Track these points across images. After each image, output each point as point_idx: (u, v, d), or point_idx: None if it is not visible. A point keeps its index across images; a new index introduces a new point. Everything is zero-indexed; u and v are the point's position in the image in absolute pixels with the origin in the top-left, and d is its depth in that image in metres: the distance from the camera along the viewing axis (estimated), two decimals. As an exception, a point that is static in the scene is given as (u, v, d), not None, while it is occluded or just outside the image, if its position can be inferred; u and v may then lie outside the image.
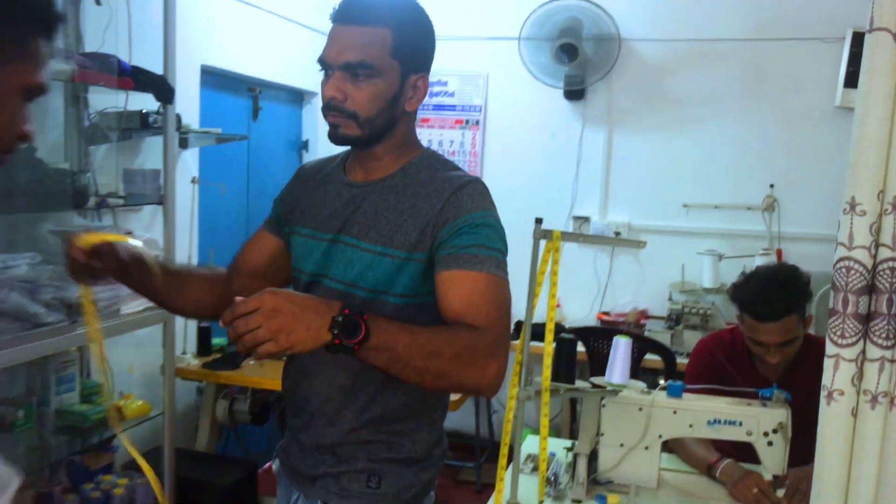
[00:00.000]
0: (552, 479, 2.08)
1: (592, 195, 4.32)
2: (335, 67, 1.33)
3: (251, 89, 3.87)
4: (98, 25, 2.49)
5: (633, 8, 4.08)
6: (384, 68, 1.33)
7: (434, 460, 1.52)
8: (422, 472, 1.49)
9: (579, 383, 1.98)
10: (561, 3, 3.94)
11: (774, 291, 2.22)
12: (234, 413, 3.20)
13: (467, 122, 4.48)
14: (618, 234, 4.23)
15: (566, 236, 1.92)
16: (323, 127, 4.77)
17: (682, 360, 3.50)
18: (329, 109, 1.36)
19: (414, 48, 1.37)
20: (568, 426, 3.91)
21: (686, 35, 4.07)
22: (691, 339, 3.75)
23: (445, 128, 4.51)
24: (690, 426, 2.04)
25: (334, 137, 1.39)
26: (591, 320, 4.24)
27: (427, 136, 4.52)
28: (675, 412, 2.04)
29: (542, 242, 1.95)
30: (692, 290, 4.05)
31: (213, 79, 3.49)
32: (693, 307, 3.84)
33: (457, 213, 1.35)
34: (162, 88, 2.31)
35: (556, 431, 3.95)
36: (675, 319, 3.88)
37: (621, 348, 2.03)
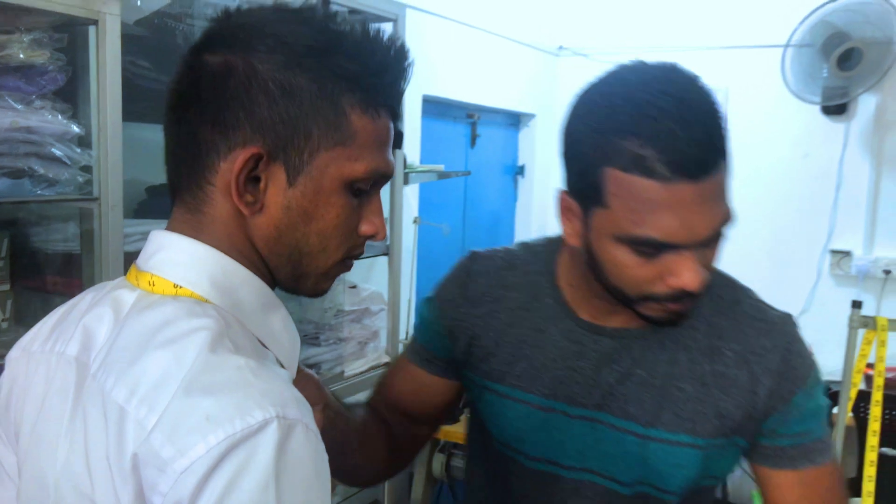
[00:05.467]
0: None
1: (855, 225, 3.68)
2: (695, 245, 0.87)
3: (470, 115, 3.66)
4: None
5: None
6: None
7: None
8: None
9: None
10: (837, 4, 3.35)
11: None
12: (450, 468, 2.98)
13: (702, 141, 3.99)
14: (888, 272, 3.58)
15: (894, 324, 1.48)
16: (542, 150, 4.39)
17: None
18: (675, 300, 0.91)
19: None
20: None
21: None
22: None
23: (676, 148, 4.05)
24: None
25: (670, 323, 0.96)
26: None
27: (655, 157, 4.09)
28: None
29: (861, 332, 1.53)
30: None
31: (433, 107, 3.31)
32: None
33: (792, 388, 0.98)
34: (391, 134, 2.11)
35: None
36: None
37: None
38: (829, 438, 1.03)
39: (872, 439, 1.47)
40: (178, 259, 0.71)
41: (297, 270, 0.75)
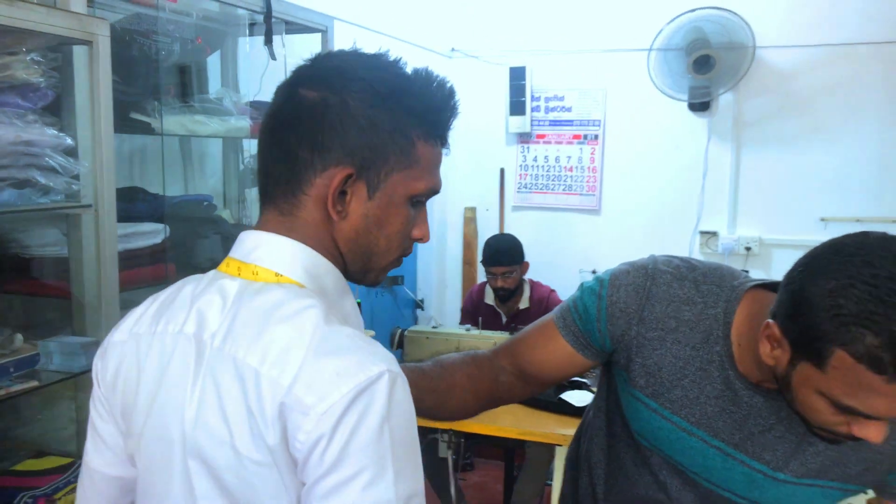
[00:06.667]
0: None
1: (720, 209, 4.16)
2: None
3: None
4: (255, 72, 2.49)
5: (764, 13, 3.90)
6: None
7: None
8: None
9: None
10: (700, 14, 3.79)
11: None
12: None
13: (585, 136, 4.37)
14: (748, 249, 4.07)
15: None
16: (456, 153, 4.52)
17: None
18: (852, 439, 1.00)
19: None
20: None
21: (821, 39, 3.87)
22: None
23: (563, 143, 4.41)
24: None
25: (831, 443, 1.07)
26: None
27: (543, 151, 4.43)
28: None
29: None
30: (832, 308, 3.86)
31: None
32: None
33: None
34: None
35: None
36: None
37: None
38: None
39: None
40: (278, 253, 0.89)
41: (367, 265, 0.93)
